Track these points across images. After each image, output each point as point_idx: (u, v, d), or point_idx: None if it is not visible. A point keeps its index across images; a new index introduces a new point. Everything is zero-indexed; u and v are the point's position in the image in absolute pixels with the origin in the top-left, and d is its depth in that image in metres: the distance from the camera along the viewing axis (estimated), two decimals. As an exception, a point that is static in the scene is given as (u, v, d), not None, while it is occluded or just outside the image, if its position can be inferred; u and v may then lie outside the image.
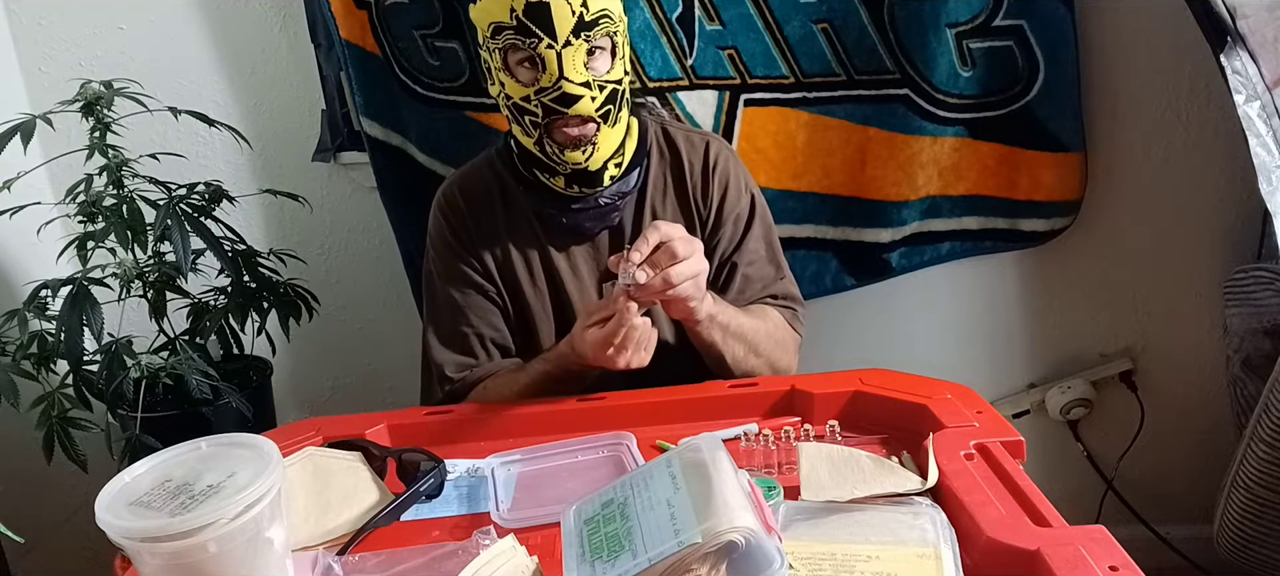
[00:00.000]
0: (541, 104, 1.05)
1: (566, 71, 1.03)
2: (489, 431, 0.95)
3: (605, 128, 1.07)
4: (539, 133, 1.07)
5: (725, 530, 0.54)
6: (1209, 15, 1.24)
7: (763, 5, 1.39)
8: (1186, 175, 1.49)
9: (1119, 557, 0.60)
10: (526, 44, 1.02)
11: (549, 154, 1.08)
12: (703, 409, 0.95)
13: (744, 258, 1.17)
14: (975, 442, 0.78)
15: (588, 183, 1.11)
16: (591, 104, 1.05)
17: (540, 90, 1.04)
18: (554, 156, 1.08)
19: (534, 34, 1.02)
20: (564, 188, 1.12)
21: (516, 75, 1.06)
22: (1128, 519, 1.64)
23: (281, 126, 1.55)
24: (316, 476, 0.84)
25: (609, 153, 1.09)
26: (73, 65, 1.49)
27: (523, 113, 1.07)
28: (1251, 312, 1.38)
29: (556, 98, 1.03)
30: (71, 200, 1.28)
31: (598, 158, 1.08)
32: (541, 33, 1.02)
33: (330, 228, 1.61)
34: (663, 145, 1.20)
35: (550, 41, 1.02)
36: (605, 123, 1.07)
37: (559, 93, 1.03)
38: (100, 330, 1.23)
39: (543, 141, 1.08)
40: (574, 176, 1.10)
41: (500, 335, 1.16)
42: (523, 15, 1.01)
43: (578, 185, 1.11)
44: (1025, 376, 1.67)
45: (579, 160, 1.07)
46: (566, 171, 1.10)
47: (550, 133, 1.07)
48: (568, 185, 1.11)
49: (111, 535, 0.60)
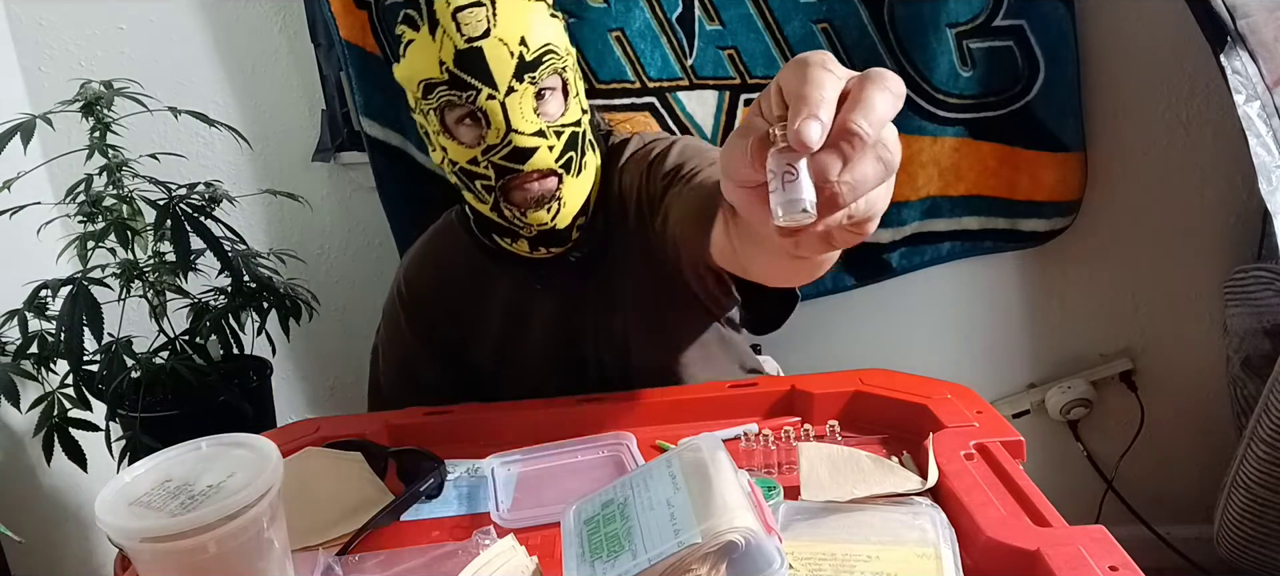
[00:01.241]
0: (492, 164, 0.93)
1: (515, 122, 0.91)
2: (489, 431, 0.95)
3: (569, 178, 0.97)
4: (494, 196, 0.96)
5: (725, 530, 0.54)
6: (1209, 15, 1.24)
7: (763, 5, 1.39)
8: (1186, 175, 1.49)
9: (1119, 557, 0.60)
10: (464, 98, 0.91)
11: (509, 218, 0.97)
12: (703, 409, 0.95)
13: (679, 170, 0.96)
14: (975, 442, 0.78)
15: (555, 242, 1.01)
16: (550, 154, 0.94)
17: (488, 149, 0.93)
18: (515, 220, 0.97)
19: (470, 85, 0.91)
20: (530, 251, 1.02)
21: (458, 136, 0.95)
22: (1128, 519, 1.64)
23: (281, 126, 1.55)
24: (317, 476, 0.84)
25: (577, 207, 0.98)
26: (73, 65, 1.49)
27: (473, 178, 0.96)
28: (1251, 312, 1.38)
29: (508, 154, 0.92)
30: (71, 200, 1.28)
31: (565, 215, 0.97)
32: (479, 82, 0.91)
33: (330, 228, 1.61)
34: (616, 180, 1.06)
35: (490, 91, 0.91)
36: (568, 172, 0.96)
37: (510, 148, 0.92)
38: (100, 330, 1.23)
39: (500, 205, 0.97)
40: (539, 238, 1.00)
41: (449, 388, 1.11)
42: (454, 66, 0.90)
43: (543, 247, 1.01)
44: (1025, 376, 1.66)
45: (544, 220, 0.96)
46: (531, 234, 0.99)
47: (507, 195, 0.96)
48: (532, 248, 1.02)
49: (111, 535, 0.60)
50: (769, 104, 0.46)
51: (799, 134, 0.42)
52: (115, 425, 1.33)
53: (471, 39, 0.90)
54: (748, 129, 0.47)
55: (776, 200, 0.44)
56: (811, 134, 0.42)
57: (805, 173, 0.44)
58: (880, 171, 0.45)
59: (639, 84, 1.43)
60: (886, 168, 0.45)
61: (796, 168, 0.44)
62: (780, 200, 0.44)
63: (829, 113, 0.43)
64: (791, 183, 0.44)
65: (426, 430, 0.96)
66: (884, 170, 0.45)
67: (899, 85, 0.45)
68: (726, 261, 0.73)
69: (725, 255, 0.72)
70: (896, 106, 0.44)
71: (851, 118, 0.43)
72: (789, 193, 0.44)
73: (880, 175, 0.45)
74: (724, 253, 0.71)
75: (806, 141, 0.43)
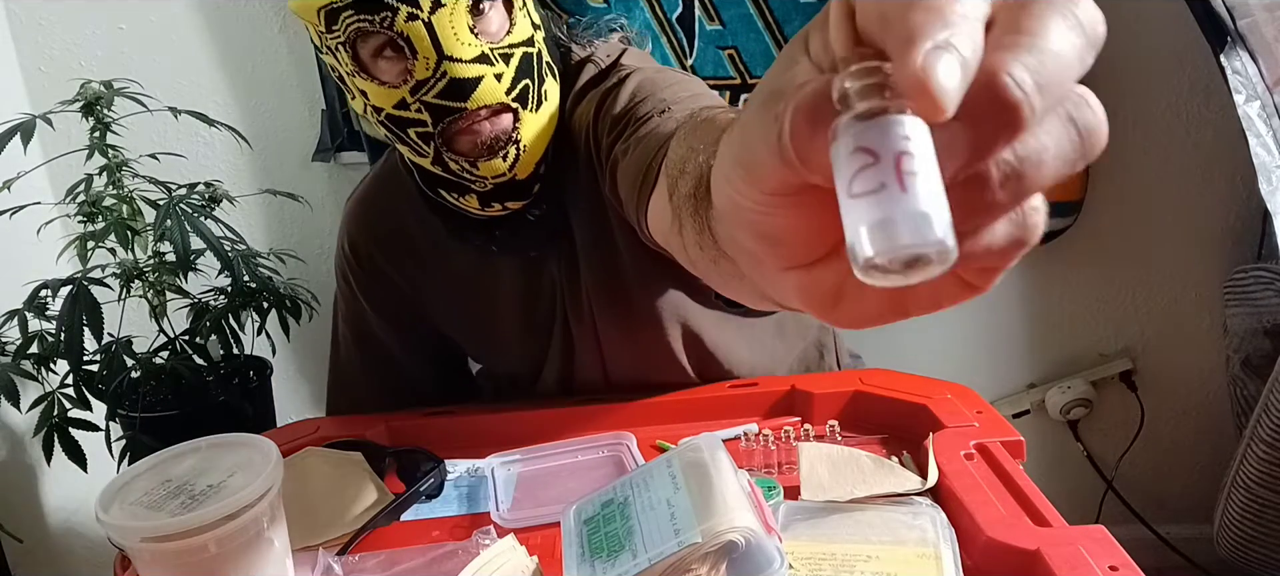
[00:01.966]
0: (425, 104, 0.73)
1: (447, 47, 0.71)
2: (489, 431, 0.95)
3: (527, 114, 0.77)
4: (434, 146, 0.76)
5: (725, 530, 0.54)
6: (1209, 15, 1.24)
7: (763, 5, 1.39)
8: (1186, 175, 1.49)
9: (1119, 557, 0.60)
10: (377, 22, 0.70)
11: (456, 171, 0.78)
12: (703, 409, 0.95)
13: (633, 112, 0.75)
14: (975, 442, 0.78)
15: (513, 196, 0.81)
16: (499, 85, 0.74)
17: (418, 86, 0.73)
18: (464, 172, 0.78)
19: (384, 4, 0.69)
20: (480, 208, 0.82)
21: (378, 73, 0.74)
22: (1128, 519, 1.64)
23: (281, 126, 1.55)
24: (317, 476, 0.84)
25: (540, 150, 0.79)
26: (73, 65, 1.49)
27: (404, 125, 0.76)
28: (1251, 312, 1.38)
29: (444, 89, 0.72)
30: (71, 200, 1.28)
31: (526, 160, 0.78)
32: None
33: (330, 228, 1.61)
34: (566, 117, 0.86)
35: (411, 9, 0.70)
36: (526, 106, 0.76)
37: (446, 81, 0.72)
38: (100, 330, 1.23)
39: (442, 156, 0.77)
40: (494, 192, 0.80)
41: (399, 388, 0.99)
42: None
43: (497, 203, 0.81)
44: (1025, 376, 1.66)
45: (501, 169, 0.77)
46: (484, 188, 0.79)
47: (450, 142, 0.76)
48: (483, 205, 0.82)
49: (111, 535, 0.60)
50: (826, 38, 0.25)
51: (920, 77, 0.21)
52: (115, 425, 1.32)
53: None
54: (777, 93, 0.25)
55: (861, 220, 0.22)
56: (944, 78, 0.21)
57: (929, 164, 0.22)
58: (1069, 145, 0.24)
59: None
60: (1082, 139, 0.24)
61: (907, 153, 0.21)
62: (871, 221, 0.22)
63: (974, 42, 0.22)
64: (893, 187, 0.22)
65: (426, 430, 0.96)
66: (1076, 142, 0.24)
67: (1091, 11, 0.24)
68: (682, 259, 0.52)
69: (678, 252, 0.52)
70: (1085, 54, 0.23)
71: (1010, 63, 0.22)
72: (888, 205, 0.22)
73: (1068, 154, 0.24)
74: (676, 248, 0.52)
75: (937, 93, 0.21)
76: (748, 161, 0.26)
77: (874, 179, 0.22)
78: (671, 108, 0.70)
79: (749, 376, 0.97)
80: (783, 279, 0.29)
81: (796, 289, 0.29)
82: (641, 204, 0.63)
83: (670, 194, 0.51)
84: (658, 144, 0.63)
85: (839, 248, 0.27)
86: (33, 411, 1.26)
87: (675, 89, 0.75)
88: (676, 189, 0.49)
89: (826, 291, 0.28)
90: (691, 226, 0.45)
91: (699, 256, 0.46)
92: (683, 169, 0.48)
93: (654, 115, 0.70)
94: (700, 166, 0.44)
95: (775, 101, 0.24)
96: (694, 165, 0.46)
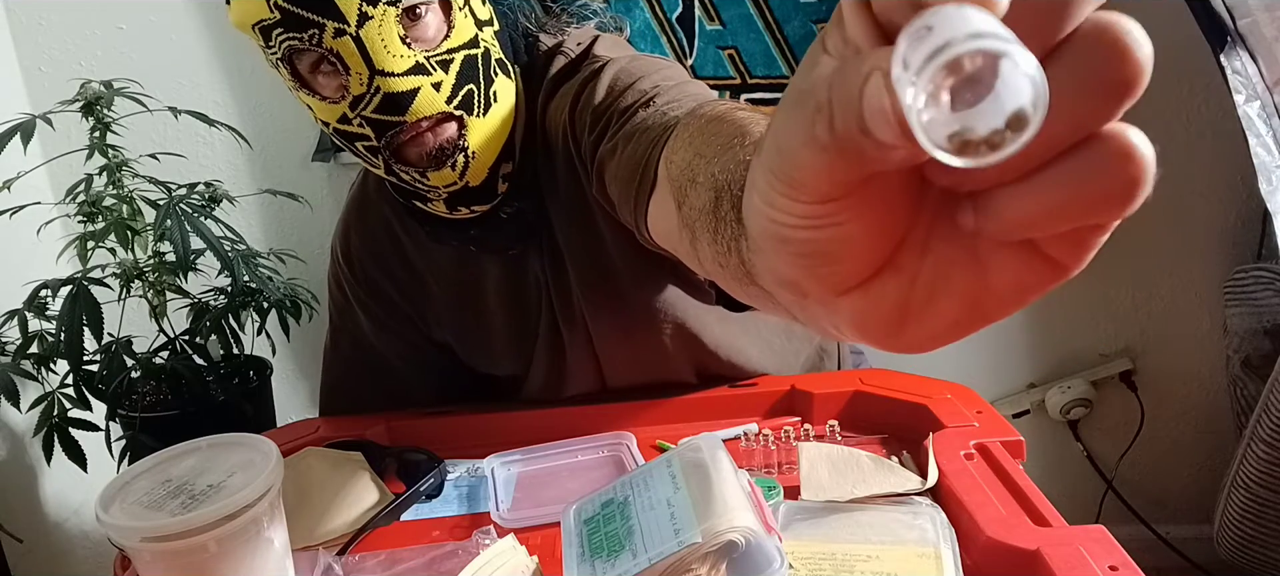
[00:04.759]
0: (365, 119, 0.71)
1: (378, 61, 0.69)
2: (489, 431, 0.95)
3: (474, 120, 0.74)
4: (382, 158, 0.75)
5: (725, 530, 0.54)
6: (1209, 15, 1.24)
7: (763, 5, 1.39)
8: (1186, 175, 1.49)
9: (1119, 557, 0.60)
10: (306, 39, 0.68)
11: (408, 181, 0.77)
12: (703, 409, 0.95)
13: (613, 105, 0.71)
14: (975, 442, 0.78)
15: (476, 200, 0.79)
16: (438, 95, 0.71)
17: (355, 101, 0.71)
18: (415, 182, 0.77)
19: (309, 21, 0.67)
20: (449, 211, 0.81)
21: (318, 88, 0.72)
22: (1128, 519, 1.64)
23: (281, 126, 1.55)
24: (317, 476, 0.84)
25: (492, 155, 0.77)
26: (73, 65, 1.49)
27: (351, 139, 0.74)
28: (1251, 312, 1.38)
29: (381, 105, 0.70)
30: (71, 200, 1.28)
31: (477, 167, 0.76)
32: (317, 14, 0.67)
33: (330, 228, 1.60)
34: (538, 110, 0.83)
35: (338, 25, 0.67)
36: (471, 112, 0.74)
37: (380, 96, 0.70)
38: (100, 330, 1.23)
39: (392, 167, 0.76)
40: (455, 197, 0.79)
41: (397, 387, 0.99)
42: (285, 1, 0.66)
43: (463, 206, 0.80)
44: (1025, 376, 1.66)
45: (450, 178, 0.75)
46: (440, 196, 0.79)
47: (397, 154, 0.74)
48: (450, 209, 0.81)
49: (111, 535, 0.60)
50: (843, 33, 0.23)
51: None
52: (115, 425, 1.32)
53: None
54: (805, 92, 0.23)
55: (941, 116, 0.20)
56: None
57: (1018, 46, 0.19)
58: None
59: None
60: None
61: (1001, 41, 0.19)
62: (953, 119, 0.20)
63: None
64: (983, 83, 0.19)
65: (426, 430, 0.96)
66: None
67: None
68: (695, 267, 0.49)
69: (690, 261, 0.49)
70: None
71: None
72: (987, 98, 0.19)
73: None
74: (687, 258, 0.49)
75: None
76: (788, 171, 0.24)
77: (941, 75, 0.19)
78: (656, 99, 0.67)
79: (757, 375, 0.96)
80: (836, 307, 0.26)
81: (853, 316, 0.26)
82: (640, 207, 0.59)
83: (678, 204, 0.47)
84: (651, 141, 0.60)
85: (898, 252, 0.25)
86: (33, 411, 1.26)
87: (656, 77, 0.71)
88: (686, 199, 0.45)
89: (889, 312, 0.25)
90: (712, 246, 0.40)
91: (719, 274, 0.41)
92: (692, 177, 0.45)
93: (638, 107, 0.67)
94: (716, 179, 0.41)
95: (806, 99, 0.23)
96: (707, 175, 0.42)
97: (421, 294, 0.96)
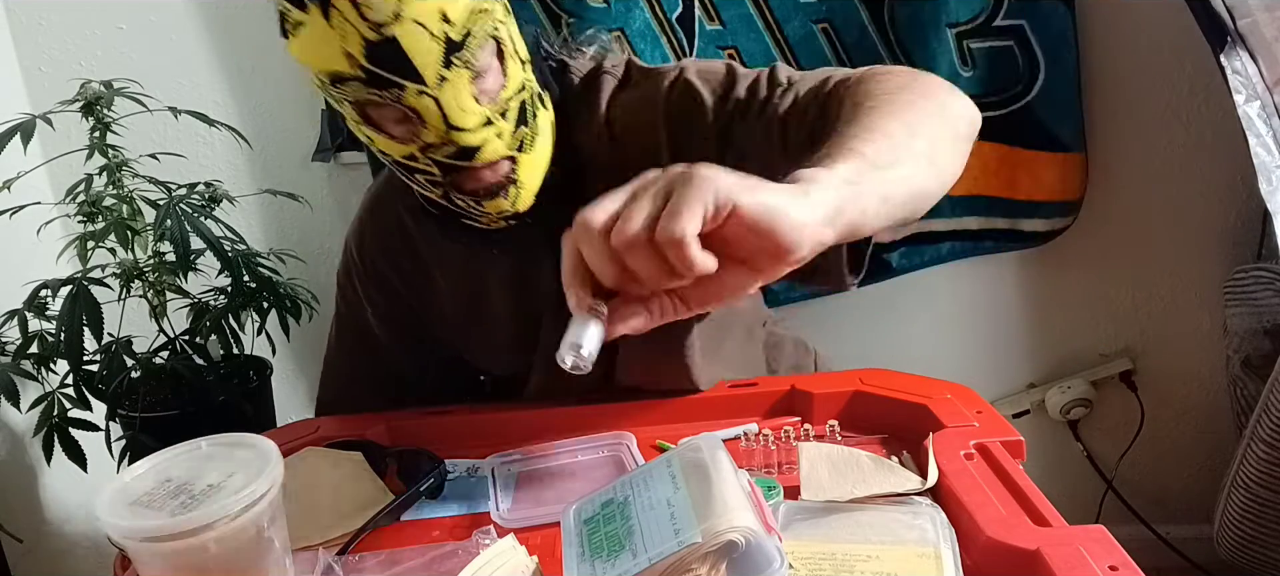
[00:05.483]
0: (435, 161, 0.78)
1: (454, 118, 0.75)
2: (489, 431, 0.95)
3: (524, 155, 0.82)
4: (441, 189, 0.82)
5: (725, 530, 0.54)
6: (1209, 15, 1.24)
7: (763, 5, 1.39)
8: (1186, 175, 1.49)
9: (1119, 557, 0.60)
10: (386, 96, 0.74)
11: (463, 207, 0.84)
12: (703, 409, 0.95)
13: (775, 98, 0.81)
14: (975, 442, 0.78)
15: (513, 218, 0.86)
16: (500, 141, 0.79)
17: (428, 148, 0.77)
18: (469, 208, 0.84)
19: (392, 82, 0.73)
20: (487, 224, 0.88)
21: (386, 129, 0.78)
22: (1128, 519, 1.64)
23: (281, 126, 1.55)
24: (316, 476, 0.84)
25: (536, 183, 0.84)
26: (73, 65, 1.49)
27: (412, 171, 0.81)
28: (1251, 312, 1.38)
29: (453, 154, 0.77)
30: (71, 200, 1.28)
31: (526, 194, 0.83)
32: (401, 78, 0.73)
33: (330, 228, 1.61)
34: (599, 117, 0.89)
35: (418, 87, 0.73)
36: (523, 150, 0.81)
37: (454, 148, 0.77)
38: (100, 330, 1.23)
39: (449, 196, 0.83)
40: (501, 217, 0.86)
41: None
42: (367, 62, 0.72)
43: (506, 221, 0.87)
44: (1025, 376, 1.66)
45: (503, 207, 0.82)
46: (490, 222, 0.87)
47: (457, 186, 0.81)
48: (491, 222, 0.88)
49: (111, 535, 0.60)
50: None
51: None
52: (115, 425, 1.33)
53: (380, 26, 0.71)
54: None
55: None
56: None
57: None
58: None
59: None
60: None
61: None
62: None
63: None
64: None
65: (426, 430, 0.96)
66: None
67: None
68: None
69: None
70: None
71: None
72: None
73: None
74: None
75: None
76: None
77: None
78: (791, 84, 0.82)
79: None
80: None
81: None
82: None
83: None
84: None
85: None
86: (33, 411, 1.26)
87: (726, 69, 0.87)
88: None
89: None
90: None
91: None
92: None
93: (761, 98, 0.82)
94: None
95: None
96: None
97: (427, 288, 1.00)
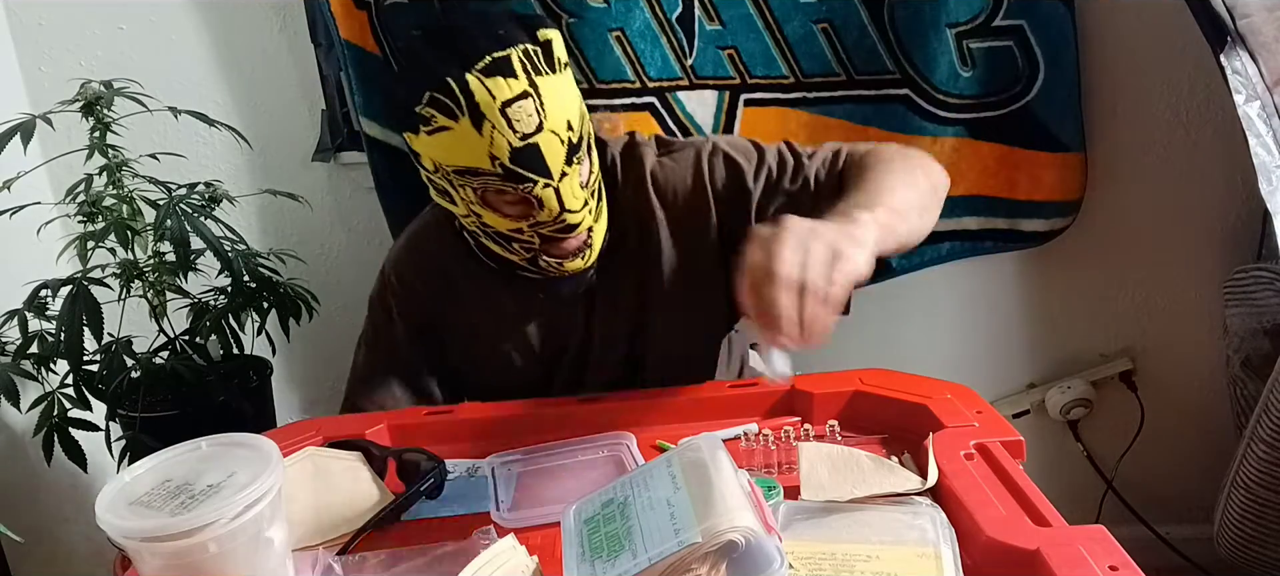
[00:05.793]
0: (539, 234, 0.93)
1: (568, 204, 0.91)
2: (489, 431, 0.95)
3: (597, 223, 0.98)
4: (533, 253, 0.96)
5: (725, 530, 0.54)
6: (1209, 15, 1.24)
7: (763, 5, 1.39)
8: (1186, 175, 1.49)
9: (1119, 557, 0.60)
10: (517, 189, 0.88)
11: (545, 266, 0.98)
12: (703, 409, 0.95)
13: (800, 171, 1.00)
14: (975, 442, 0.78)
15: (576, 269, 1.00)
16: (589, 216, 0.94)
17: (537, 224, 0.92)
18: (550, 268, 0.98)
19: (527, 178, 0.88)
20: (556, 275, 1.00)
21: (502, 210, 0.92)
22: (1128, 519, 1.64)
23: (281, 126, 1.55)
24: (316, 476, 0.84)
25: (602, 242, 0.99)
26: (73, 65, 1.49)
27: (510, 241, 0.95)
28: (1251, 312, 1.38)
29: (559, 228, 0.92)
30: (71, 200, 1.28)
31: (594, 253, 0.98)
32: (535, 175, 0.88)
33: (330, 228, 1.61)
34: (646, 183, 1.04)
35: (546, 181, 0.88)
36: (596, 219, 0.98)
37: (562, 225, 0.92)
38: (100, 330, 1.23)
39: (537, 260, 0.97)
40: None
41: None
42: (510, 163, 0.87)
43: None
44: (1025, 376, 1.66)
45: (580, 266, 0.97)
46: (563, 277, 1.00)
47: (547, 251, 0.96)
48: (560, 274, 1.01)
49: (111, 535, 0.60)
50: None
51: None
52: (115, 425, 1.33)
53: (526, 136, 0.86)
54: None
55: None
56: None
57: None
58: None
59: (639, 84, 1.43)
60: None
61: None
62: None
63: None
64: None
65: (426, 430, 0.96)
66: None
67: None
68: None
69: None
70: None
71: None
72: None
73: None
74: None
75: None
76: None
77: None
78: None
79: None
80: None
81: None
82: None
83: None
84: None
85: None
86: (33, 411, 1.26)
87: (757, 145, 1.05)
88: None
89: None
90: None
91: None
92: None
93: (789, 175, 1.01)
94: None
95: None
96: None
97: (455, 316, 1.08)
